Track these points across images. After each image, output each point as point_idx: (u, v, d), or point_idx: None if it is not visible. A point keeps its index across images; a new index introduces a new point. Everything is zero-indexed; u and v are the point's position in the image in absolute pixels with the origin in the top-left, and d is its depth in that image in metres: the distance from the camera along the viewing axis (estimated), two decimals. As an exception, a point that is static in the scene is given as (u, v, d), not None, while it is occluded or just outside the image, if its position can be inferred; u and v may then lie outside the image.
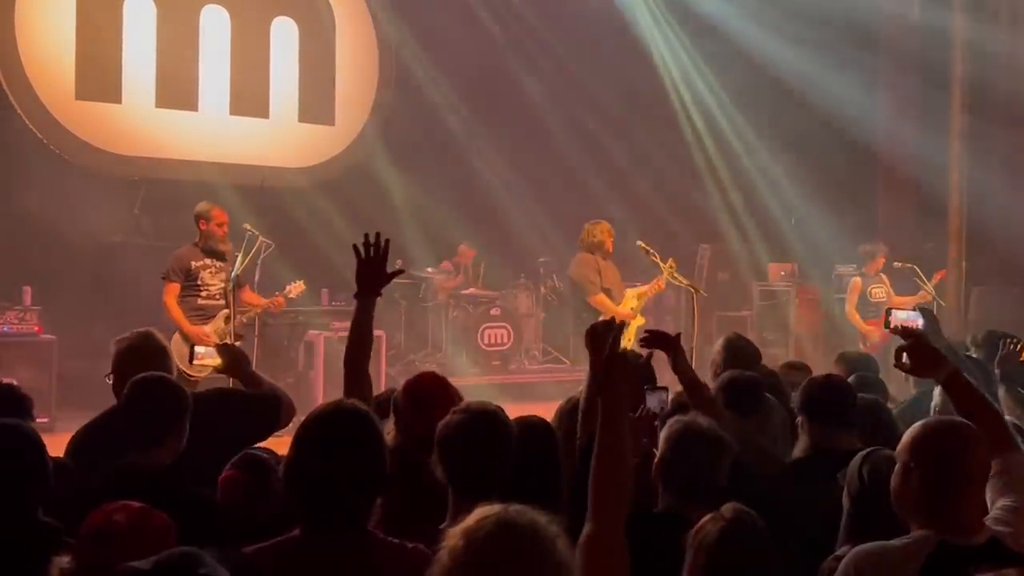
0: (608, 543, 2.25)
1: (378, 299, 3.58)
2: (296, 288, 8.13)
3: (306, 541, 2.49)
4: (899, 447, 2.63)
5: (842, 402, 3.88)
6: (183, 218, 8.63)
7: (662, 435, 3.17)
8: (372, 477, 2.51)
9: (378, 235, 3.59)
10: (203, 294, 7.50)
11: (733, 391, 4.17)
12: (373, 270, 3.54)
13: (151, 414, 3.38)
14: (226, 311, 7.52)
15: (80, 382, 7.97)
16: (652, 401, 3.58)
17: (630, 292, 8.82)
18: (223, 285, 7.55)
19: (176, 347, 7.10)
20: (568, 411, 3.82)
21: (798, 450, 3.87)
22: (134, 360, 3.89)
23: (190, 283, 7.47)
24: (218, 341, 7.20)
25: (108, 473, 3.29)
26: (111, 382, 4.03)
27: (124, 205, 10.50)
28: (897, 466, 2.61)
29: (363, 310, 3.53)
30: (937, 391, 4.16)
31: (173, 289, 7.44)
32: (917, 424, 2.65)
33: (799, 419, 3.92)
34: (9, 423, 2.95)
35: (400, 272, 3.72)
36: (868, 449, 3.06)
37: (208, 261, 7.55)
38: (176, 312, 7.39)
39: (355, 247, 3.59)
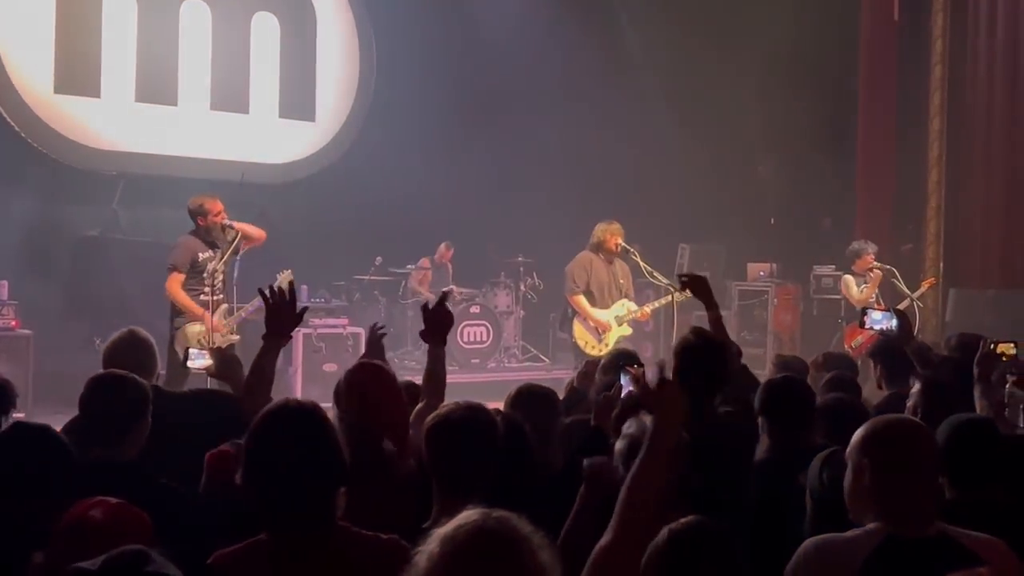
0: (628, 557, 2.24)
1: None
2: (285, 277, 8.06)
3: (275, 542, 2.44)
4: (850, 447, 2.64)
5: (801, 402, 3.91)
6: (162, 213, 8.61)
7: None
8: (328, 469, 2.48)
9: (291, 284, 3.75)
10: (206, 288, 7.34)
11: None
12: (284, 312, 3.58)
13: (109, 411, 3.37)
14: (225, 305, 7.39)
15: (57, 377, 7.92)
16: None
17: (622, 302, 8.71)
18: (222, 277, 7.41)
19: (181, 342, 7.09)
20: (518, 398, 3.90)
21: (761, 451, 3.89)
22: (122, 358, 3.85)
23: (195, 275, 7.35)
24: (228, 331, 7.28)
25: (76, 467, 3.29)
26: None
27: (102, 200, 10.45)
28: (849, 465, 2.62)
29: (268, 351, 3.58)
30: (914, 391, 4.18)
31: (179, 279, 7.31)
32: (866, 423, 2.67)
33: (760, 420, 3.95)
34: (35, 426, 2.98)
35: (305, 311, 3.74)
36: (828, 450, 3.07)
37: (212, 253, 7.38)
38: (184, 298, 7.25)
39: (260, 291, 3.75)
